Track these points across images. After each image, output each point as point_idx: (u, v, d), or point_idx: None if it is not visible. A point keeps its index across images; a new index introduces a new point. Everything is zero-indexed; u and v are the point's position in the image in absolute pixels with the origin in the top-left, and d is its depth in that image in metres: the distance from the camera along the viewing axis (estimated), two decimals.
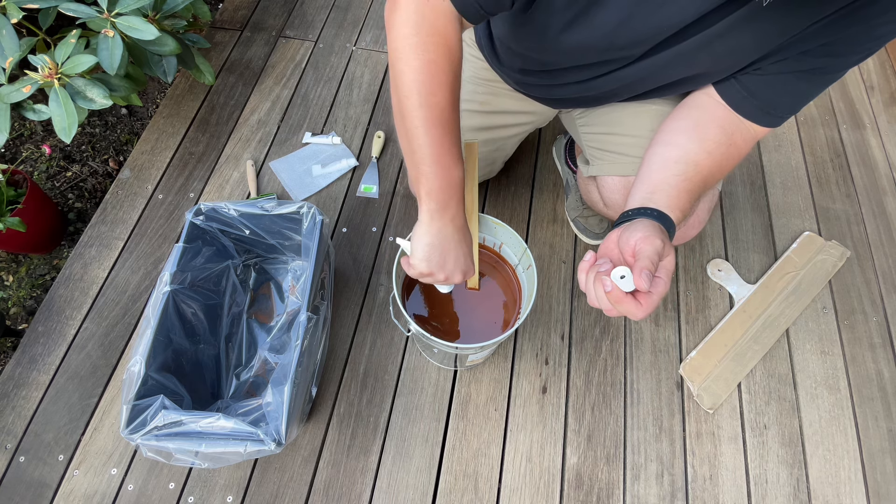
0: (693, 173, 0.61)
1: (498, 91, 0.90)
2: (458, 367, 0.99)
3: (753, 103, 0.62)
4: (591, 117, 0.87)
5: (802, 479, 0.94)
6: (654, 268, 0.48)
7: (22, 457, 0.89)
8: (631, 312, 0.49)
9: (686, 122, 0.66)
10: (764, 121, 0.63)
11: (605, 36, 0.60)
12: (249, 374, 0.93)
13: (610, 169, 0.82)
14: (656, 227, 0.52)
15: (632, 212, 0.58)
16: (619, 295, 0.48)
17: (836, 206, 1.25)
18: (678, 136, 0.65)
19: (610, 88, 0.74)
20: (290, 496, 0.88)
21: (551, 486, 0.91)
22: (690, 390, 1.00)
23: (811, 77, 0.59)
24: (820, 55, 0.56)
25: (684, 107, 0.69)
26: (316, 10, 1.48)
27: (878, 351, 1.07)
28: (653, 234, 0.50)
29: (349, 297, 1.06)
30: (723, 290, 1.12)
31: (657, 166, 0.63)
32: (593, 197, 0.91)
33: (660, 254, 0.49)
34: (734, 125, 0.64)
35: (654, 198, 0.59)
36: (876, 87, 1.49)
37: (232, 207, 0.86)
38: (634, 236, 0.51)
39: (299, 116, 1.29)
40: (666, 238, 0.51)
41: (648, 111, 0.78)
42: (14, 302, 1.09)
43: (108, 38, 0.92)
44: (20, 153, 1.25)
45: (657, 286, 0.48)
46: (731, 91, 0.63)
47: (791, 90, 0.61)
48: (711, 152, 0.63)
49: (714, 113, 0.65)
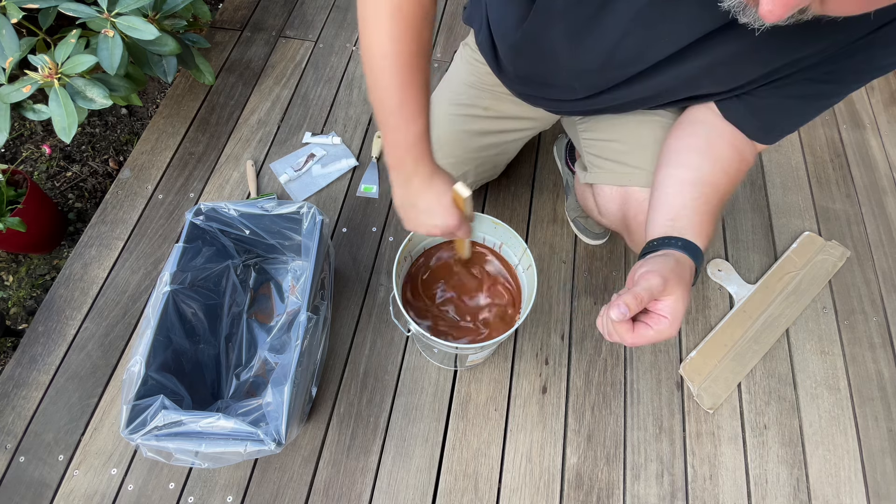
0: (711, 194, 0.60)
1: (500, 96, 0.90)
2: (458, 367, 0.99)
3: (755, 124, 0.62)
4: (593, 123, 0.87)
5: (802, 479, 0.94)
6: (634, 303, 0.46)
7: (22, 457, 0.89)
8: (622, 336, 0.48)
9: (696, 141, 0.65)
10: (765, 140, 0.64)
11: (607, 52, 0.60)
12: (249, 374, 0.93)
13: (606, 178, 0.81)
14: (669, 263, 0.50)
15: (657, 241, 0.56)
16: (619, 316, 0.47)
17: (836, 206, 1.25)
18: (690, 157, 0.63)
19: (610, 105, 0.74)
20: (290, 496, 0.88)
21: (551, 486, 0.91)
22: (690, 390, 1.00)
23: (812, 101, 0.59)
24: (822, 81, 0.56)
25: (689, 123, 0.67)
26: (316, 10, 1.48)
27: (878, 351, 1.07)
28: (655, 272, 0.48)
29: (349, 297, 1.06)
30: (723, 290, 1.12)
31: (673, 189, 0.61)
32: (589, 204, 0.90)
33: (651, 292, 0.47)
34: (741, 141, 0.64)
35: (677, 225, 0.57)
36: (876, 87, 1.49)
37: (232, 207, 0.86)
38: (641, 269, 0.49)
39: (299, 116, 1.29)
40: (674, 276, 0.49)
41: (651, 121, 0.77)
42: (14, 302, 1.09)
43: (108, 38, 0.92)
44: (20, 153, 1.25)
45: (658, 324, 0.47)
46: (734, 111, 0.63)
47: (791, 113, 0.61)
48: (727, 171, 0.62)
49: (722, 130, 0.64)
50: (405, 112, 0.59)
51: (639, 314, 0.49)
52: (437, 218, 0.65)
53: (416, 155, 0.62)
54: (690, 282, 0.52)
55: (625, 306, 0.46)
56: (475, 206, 1.17)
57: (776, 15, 0.35)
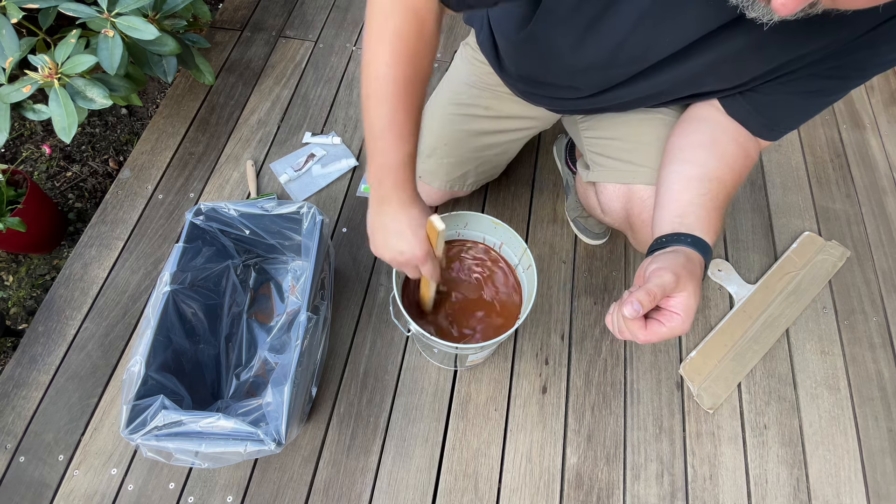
0: (718, 190, 0.60)
1: (501, 96, 0.90)
2: (458, 367, 0.99)
3: (760, 120, 0.63)
4: (595, 121, 0.87)
5: (802, 479, 0.94)
6: (647, 299, 0.46)
7: (22, 457, 0.89)
8: (634, 334, 0.48)
9: (701, 137, 0.65)
10: (769, 136, 0.64)
11: (610, 51, 0.60)
12: (249, 374, 0.93)
13: (609, 176, 0.80)
14: (680, 260, 0.50)
15: (665, 238, 0.56)
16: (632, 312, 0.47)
17: (836, 206, 1.25)
18: (696, 153, 0.63)
19: (614, 103, 0.74)
20: (290, 496, 0.88)
21: (551, 486, 0.91)
22: (690, 390, 1.00)
23: (815, 97, 0.59)
24: (826, 77, 0.56)
25: (693, 120, 0.67)
26: (316, 10, 1.48)
27: (878, 351, 1.07)
28: (666, 269, 0.48)
29: (349, 297, 1.06)
30: (723, 290, 1.12)
31: (679, 185, 0.61)
32: (591, 202, 0.89)
33: (664, 288, 0.47)
34: (745, 138, 0.64)
35: (685, 222, 0.57)
36: (876, 87, 1.49)
37: (232, 207, 0.86)
38: (651, 266, 0.49)
39: (299, 116, 1.29)
40: (685, 272, 0.49)
41: (654, 119, 0.77)
42: (14, 302, 1.09)
43: (108, 38, 0.92)
44: (20, 153, 1.25)
45: (671, 321, 0.47)
46: (738, 107, 0.64)
47: (795, 109, 0.61)
48: (732, 167, 0.62)
49: (726, 127, 0.64)
50: (391, 136, 0.59)
51: (650, 311, 0.49)
52: (405, 244, 0.63)
53: (396, 180, 0.61)
54: (701, 277, 0.51)
55: (637, 303, 0.46)
56: (476, 207, 1.17)
57: (789, 9, 0.35)
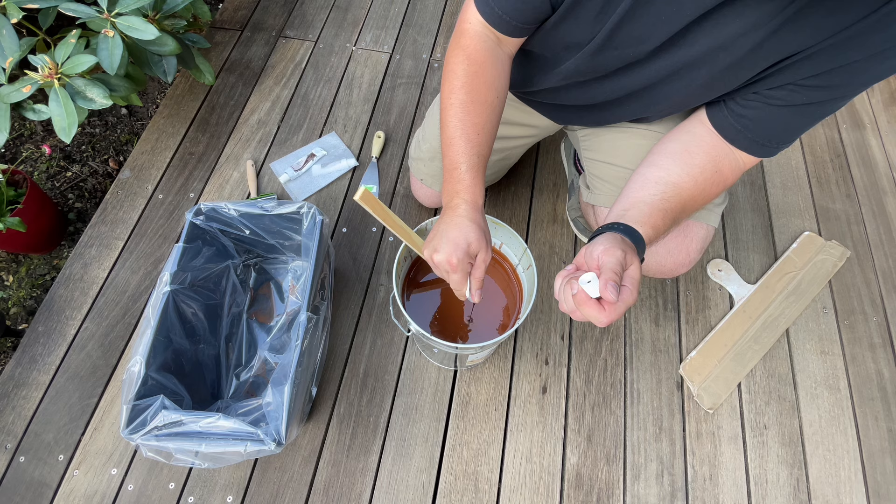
0: (672, 194, 0.62)
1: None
2: (458, 368, 0.99)
3: (747, 136, 0.63)
4: (594, 142, 0.89)
5: (802, 479, 0.94)
6: (618, 278, 0.48)
7: (22, 457, 0.89)
8: (594, 317, 0.49)
9: (675, 146, 0.67)
10: (760, 152, 0.65)
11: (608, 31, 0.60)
12: (249, 374, 0.93)
13: (605, 201, 0.85)
14: (618, 238, 0.53)
15: (603, 227, 0.59)
16: (583, 297, 0.49)
17: (836, 206, 1.25)
18: (664, 159, 0.66)
19: (611, 97, 0.74)
20: (290, 496, 0.88)
21: (551, 486, 0.91)
22: (690, 390, 1.00)
23: (804, 111, 0.60)
24: (814, 88, 0.56)
25: (676, 131, 0.70)
26: (316, 10, 1.48)
27: (878, 351, 1.07)
28: (613, 246, 0.51)
29: (349, 297, 1.06)
30: (723, 290, 1.12)
31: (637, 185, 0.65)
32: (590, 219, 0.94)
33: (622, 263, 0.50)
34: (723, 154, 0.65)
35: (627, 214, 0.60)
36: (876, 87, 1.48)
37: (232, 207, 0.86)
38: (597, 249, 0.51)
39: (299, 116, 1.29)
40: (628, 248, 0.52)
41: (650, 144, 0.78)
42: (14, 302, 1.09)
43: (108, 38, 0.92)
44: (20, 153, 1.25)
45: (623, 294, 0.49)
46: (725, 123, 0.64)
47: (784, 124, 0.62)
48: (695, 178, 0.64)
49: (704, 139, 0.66)
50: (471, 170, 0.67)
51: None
52: (449, 245, 0.65)
53: (464, 198, 0.68)
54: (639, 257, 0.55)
55: (615, 284, 0.48)
56: None
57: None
